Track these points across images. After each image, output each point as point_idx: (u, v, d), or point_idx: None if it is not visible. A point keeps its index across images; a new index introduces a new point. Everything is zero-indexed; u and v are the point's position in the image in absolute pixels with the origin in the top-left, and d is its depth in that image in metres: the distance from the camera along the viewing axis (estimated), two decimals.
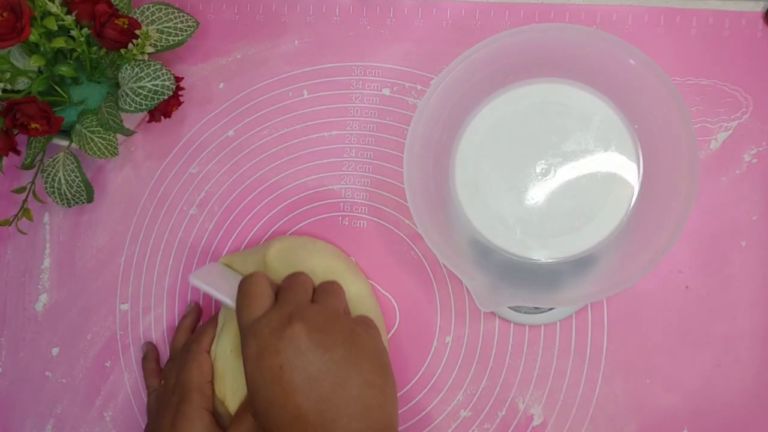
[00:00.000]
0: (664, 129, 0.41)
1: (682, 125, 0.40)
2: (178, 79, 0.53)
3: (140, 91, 0.49)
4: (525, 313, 0.51)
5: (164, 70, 0.49)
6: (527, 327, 0.52)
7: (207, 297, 0.55)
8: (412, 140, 0.43)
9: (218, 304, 0.55)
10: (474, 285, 0.42)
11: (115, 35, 0.47)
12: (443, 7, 0.55)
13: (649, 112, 0.42)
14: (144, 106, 0.49)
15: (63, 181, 0.52)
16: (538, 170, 0.41)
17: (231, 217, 0.55)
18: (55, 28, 0.47)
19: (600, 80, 0.42)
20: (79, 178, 0.52)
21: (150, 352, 0.54)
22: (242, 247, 0.55)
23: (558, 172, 0.41)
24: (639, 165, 0.41)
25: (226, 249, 0.55)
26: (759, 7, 0.52)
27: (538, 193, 0.41)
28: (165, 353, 0.55)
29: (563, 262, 0.42)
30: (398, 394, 0.53)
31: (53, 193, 0.52)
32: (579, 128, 0.41)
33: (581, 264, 0.43)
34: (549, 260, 0.41)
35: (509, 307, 0.51)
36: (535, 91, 0.42)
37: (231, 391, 0.48)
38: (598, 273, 0.43)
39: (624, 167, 0.41)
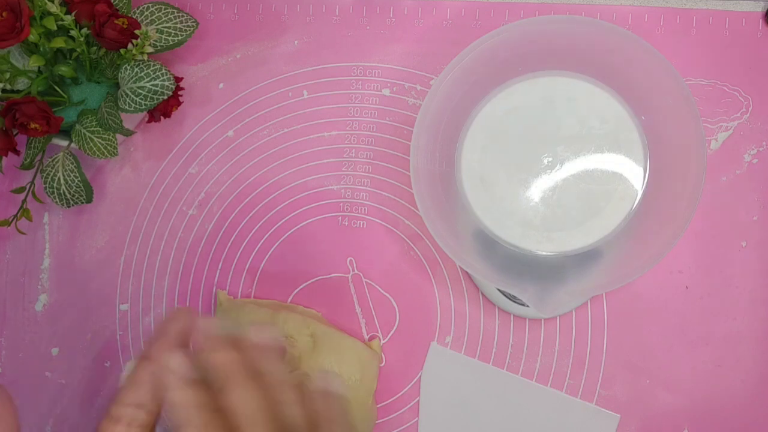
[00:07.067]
0: (672, 123, 0.41)
1: (691, 120, 0.40)
2: (177, 79, 0.53)
3: (140, 91, 0.49)
4: (520, 305, 0.51)
5: (164, 70, 0.49)
6: (527, 327, 0.52)
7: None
8: (419, 131, 0.43)
9: None
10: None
11: (114, 35, 0.47)
12: (443, 7, 0.55)
13: (657, 106, 0.42)
14: (144, 106, 0.49)
15: (62, 181, 0.52)
16: (544, 164, 0.41)
17: (231, 217, 0.55)
18: (55, 28, 0.47)
19: (606, 73, 0.42)
20: (79, 179, 0.52)
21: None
22: (241, 249, 0.55)
23: (564, 166, 0.41)
24: (646, 159, 0.41)
25: (226, 249, 0.55)
26: (759, 7, 0.52)
27: (543, 187, 0.41)
28: None
29: (567, 256, 0.42)
30: (398, 395, 0.53)
31: (52, 193, 0.52)
32: (585, 122, 0.41)
33: (586, 258, 0.43)
34: (553, 254, 0.41)
35: (509, 299, 0.51)
36: (542, 84, 0.42)
37: None
38: (602, 267, 0.43)
39: (630, 161, 0.41)
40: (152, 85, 0.49)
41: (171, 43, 0.52)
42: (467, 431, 0.52)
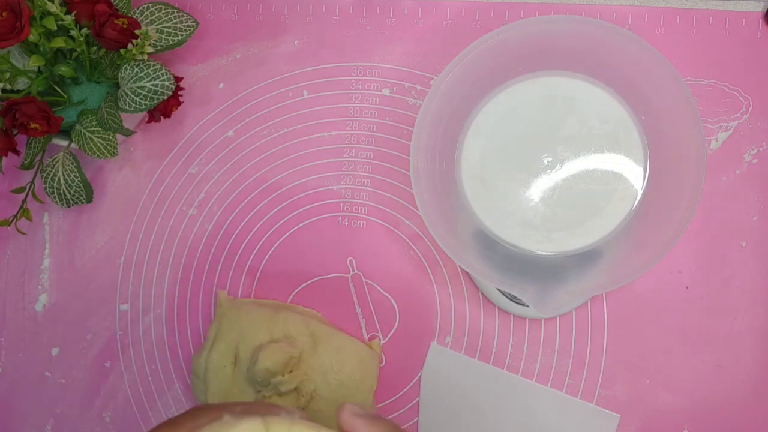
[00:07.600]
0: (672, 123, 0.41)
1: (691, 121, 0.40)
2: (177, 79, 0.53)
3: (140, 91, 0.49)
4: (520, 305, 0.51)
5: (164, 70, 0.49)
6: (527, 327, 0.52)
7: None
8: (419, 131, 0.43)
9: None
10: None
11: (114, 35, 0.47)
12: (443, 7, 0.55)
13: (657, 106, 0.42)
14: (144, 106, 0.49)
15: (62, 181, 0.52)
16: (544, 164, 0.41)
17: (231, 218, 0.55)
18: (55, 27, 0.47)
19: (606, 73, 0.42)
20: (79, 178, 0.52)
21: None
22: (241, 249, 0.55)
23: (564, 166, 0.41)
24: (646, 159, 0.41)
25: (225, 250, 0.55)
26: (759, 7, 0.52)
27: (543, 187, 0.41)
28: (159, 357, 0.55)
29: (567, 256, 0.42)
30: (398, 395, 0.53)
31: (52, 193, 0.52)
32: (585, 122, 0.41)
33: (586, 258, 0.43)
34: (553, 254, 0.41)
35: (509, 299, 0.51)
36: (542, 84, 0.42)
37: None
38: (602, 267, 0.43)
39: (630, 161, 0.41)
40: (152, 85, 0.49)
41: (171, 43, 0.52)
42: (467, 431, 0.52)
